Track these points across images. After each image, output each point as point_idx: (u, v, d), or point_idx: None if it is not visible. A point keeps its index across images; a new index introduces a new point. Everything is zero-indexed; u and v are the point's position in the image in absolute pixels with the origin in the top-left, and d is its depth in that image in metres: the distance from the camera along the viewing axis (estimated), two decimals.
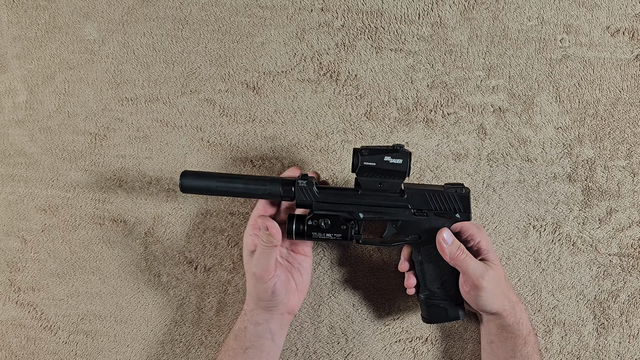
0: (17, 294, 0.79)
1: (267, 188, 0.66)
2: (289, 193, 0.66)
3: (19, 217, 0.79)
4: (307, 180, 0.66)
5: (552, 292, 0.76)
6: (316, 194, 0.66)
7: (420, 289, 0.69)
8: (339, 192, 0.67)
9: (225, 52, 0.78)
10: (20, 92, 0.80)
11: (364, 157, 0.64)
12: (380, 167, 0.64)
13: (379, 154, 0.63)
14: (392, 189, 0.66)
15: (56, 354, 0.79)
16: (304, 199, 0.66)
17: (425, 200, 0.66)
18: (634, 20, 0.76)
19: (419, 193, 0.66)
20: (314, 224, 0.66)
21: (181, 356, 0.78)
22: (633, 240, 0.76)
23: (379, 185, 0.66)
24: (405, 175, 0.64)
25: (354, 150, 0.64)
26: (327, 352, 0.77)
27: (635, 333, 0.75)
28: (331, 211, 0.66)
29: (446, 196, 0.66)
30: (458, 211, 0.66)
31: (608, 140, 0.77)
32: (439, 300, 0.68)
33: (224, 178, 0.66)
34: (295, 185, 0.66)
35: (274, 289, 0.65)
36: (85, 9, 0.79)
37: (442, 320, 0.68)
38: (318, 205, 0.66)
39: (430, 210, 0.66)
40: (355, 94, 0.78)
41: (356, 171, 0.65)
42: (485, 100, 0.77)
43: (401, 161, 0.63)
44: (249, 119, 0.78)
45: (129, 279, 0.78)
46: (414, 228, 0.67)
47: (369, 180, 0.65)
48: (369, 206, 0.66)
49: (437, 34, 0.77)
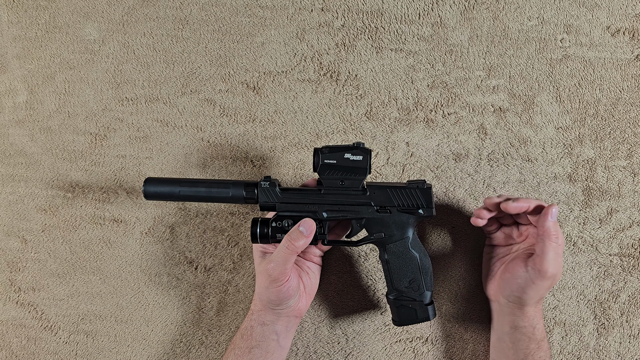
0: (18, 294, 0.79)
1: (230, 191, 0.66)
2: (252, 195, 0.67)
3: (19, 217, 0.79)
4: (269, 182, 0.67)
5: (552, 292, 0.76)
6: (279, 195, 0.67)
7: (388, 289, 0.69)
8: (302, 192, 0.67)
9: (225, 52, 0.78)
10: (20, 92, 0.80)
11: (324, 155, 0.64)
12: (340, 164, 0.65)
13: (339, 152, 0.64)
14: (354, 186, 0.67)
15: (56, 354, 0.79)
16: (266, 201, 0.67)
17: (388, 197, 0.67)
18: (634, 20, 0.76)
19: (381, 190, 0.67)
20: (278, 225, 0.66)
21: (181, 356, 0.78)
22: (633, 240, 0.76)
23: (341, 182, 0.66)
24: (366, 172, 0.65)
25: (315, 150, 0.65)
26: (327, 352, 0.77)
27: (635, 333, 0.75)
28: (295, 212, 0.67)
29: (408, 192, 0.67)
30: (421, 207, 0.67)
31: (608, 140, 0.76)
32: (407, 300, 0.67)
33: (187, 183, 0.67)
34: (257, 187, 0.67)
35: (287, 292, 0.65)
36: (85, 9, 0.79)
37: (412, 322, 0.68)
38: (281, 207, 0.67)
39: (393, 206, 0.67)
40: (355, 94, 0.78)
41: (318, 170, 0.65)
42: (485, 100, 0.77)
43: (361, 158, 0.64)
44: (249, 119, 0.78)
45: (129, 279, 0.78)
46: (378, 225, 0.67)
47: (330, 178, 0.66)
48: (332, 204, 0.67)
49: (437, 34, 0.77)
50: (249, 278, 0.77)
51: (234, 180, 0.67)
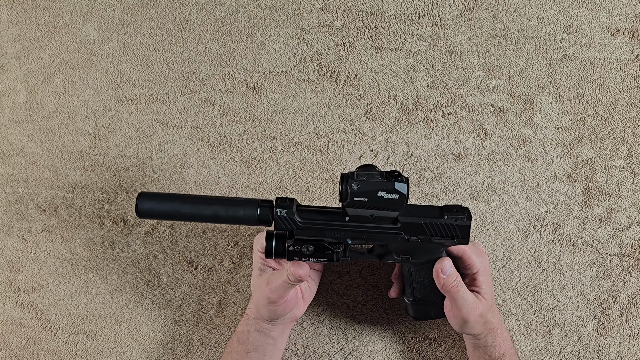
0: (17, 294, 0.79)
1: (240, 217, 0.58)
2: (267, 218, 0.59)
3: (19, 217, 0.79)
4: (286, 209, 0.58)
5: (552, 292, 0.76)
6: (298, 224, 0.58)
7: (406, 293, 0.68)
8: (325, 218, 0.59)
9: (225, 52, 0.78)
10: (20, 92, 0.80)
11: (353, 192, 0.54)
12: (373, 203, 0.55)
13: (371, 188, 0.54)
14: (385, 221, 0.59)
15: (56, 354, 0.79)
16: (284, 228, 0.58)
17: (422, 229, 0.60)
18: (634, 20, 0.76)
19: (415, 223, 0.59)
20: (296, 249, 0.58)
21: (181, 356, 0.78)
22: (633, 240, 0.76)
23: (371, 216, 0.58)
24: (401, 208, 0.56)
25: (342, 176, 0.56)
26: (327, 352, 0.77)
27: (635, 333, 0.75)
28: (315, 236, 0.59)
29: (445, 226, 0.60)
30: (456, 237, 0.61)
31: (608, 140, 0.76)
32: (425, 305, 0.67)
33: (189, 200, 0.59)
34: (273, 214, 0.58)
35: (284, 310, 0.64)
36: (85, 9, 0.79)
37: (428, 319, 0.69)
38: (300, 232, 0.59)
39: (425, 237, 0.61)
40: (355, 94, 0.78)
41: (345, 203, 0.56)
42: (485, 100, 0.77)
43: (397, 196, 0.55)
44: (249, 119, 0.78)
45: (129, 278, 0.78)
46: (407, 250, 0.62)
47: (359, 211, 0.57)
48: (358, 232, 0.59)
49: (437, 34, 0.77)
50: (249, 278, 0.77)
51: (245, 199, 0.59)
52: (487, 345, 0.66)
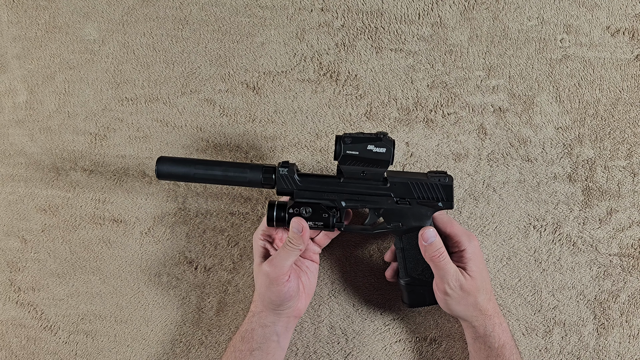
0: (17, 294, 0.79)
1: (247, 176, 0.65)
2: (270, 181, 0.65)
3: (19, 217, 0.79)
4: (287, 168, 0.65)
5: (552, 292, 0.76)
6: (297, 182, 0.66)
7: (400, 274, 0.69)
8: (321, 180, 0.66)
9: (225, 52, 0.78)
10: (20, 92, 0.80)
11: (346, 146, 0.63)
12: (363, 155, 0.63)
13: (361, 142, 0.63)
14: (375, 178, 0.66)
15: (56, 354, 0.79)
16: (284, 187, 0.66)
17: (409, 190, 0.67)
18: (634, 20, 0.76)
19: (402, 182, 0.66)
20: (295, 212, 0.65)
21: (181, 356, 0.78)
22: (633, 240, 0.76)
23: (362, 173, 0.65)
24: (388, 164, 0.64)
25: (337, 137, 0.63)
26: (327, 352, 0.77)
27: (635, 333, 0.75)
28: (313, 199, 0.66)
29: (429, 185, 0.66)
30: (441, 200, 0.67)
31: (608, 140, 0.76)
32: (418, 286, 0.68)
33: (202, 164, 0.65)
34: (275, 173, 0.65)
35: (288, 293, 0.65)
36: (85, 9, 0.79)
37: (422, 305, 0.69)
38: (299, 194, 0.66)
39: (413, 199, 0.67)
40: (355, 94, 0.78)
41: (339, 159, 0.64)
42: (485, 100, 0.77)
43: (384, 150, 0.63)
44: (249, 119, 0.78)
45: (129, 279, 0.78)
46: (397, 216, 0.67)
47: (351, 168, 0.65)
48: (352, 194, 0.66)
49: (437, 34, 0.77)
50: (249, 278, 0.77)
51: (251, 164, 0.66)
52: (487, 334, 0.66)
